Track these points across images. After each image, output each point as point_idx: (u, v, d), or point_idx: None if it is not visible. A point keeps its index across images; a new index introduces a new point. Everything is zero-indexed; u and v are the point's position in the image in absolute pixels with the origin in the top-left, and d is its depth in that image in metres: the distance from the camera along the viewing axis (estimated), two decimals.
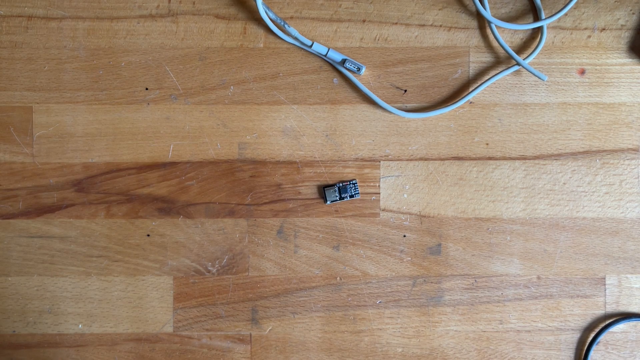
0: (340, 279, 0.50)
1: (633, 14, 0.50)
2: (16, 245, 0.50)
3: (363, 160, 0.50)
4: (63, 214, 0.50)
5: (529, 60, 0.49)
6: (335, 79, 0.50)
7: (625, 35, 0.50)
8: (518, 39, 0.50)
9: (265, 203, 0.50)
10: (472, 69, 0.50)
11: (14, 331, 0.50)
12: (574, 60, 0.50)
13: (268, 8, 0.49)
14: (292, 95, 0.50)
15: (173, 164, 0.50)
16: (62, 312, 0.50)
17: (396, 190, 0.50)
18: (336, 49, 0.50)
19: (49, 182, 0.50)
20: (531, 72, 0.48)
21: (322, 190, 0.50)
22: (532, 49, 0.50)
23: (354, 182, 0.49)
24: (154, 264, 0.50)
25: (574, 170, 0.50)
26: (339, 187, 0.49)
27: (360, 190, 0.50)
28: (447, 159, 0.50)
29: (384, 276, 0.50)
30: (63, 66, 0.50)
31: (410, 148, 0.50)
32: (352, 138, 0.50)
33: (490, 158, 0.50)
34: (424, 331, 0.51)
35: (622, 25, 0.50)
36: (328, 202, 0.50)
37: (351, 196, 0.49)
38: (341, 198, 0.49)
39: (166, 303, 0.50)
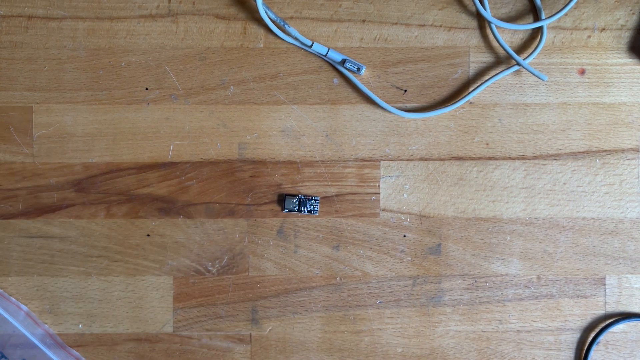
0: (340, 279, 0.50)
1: (633, 14, 0.50)
2: (16, 245, 0.50)
3: (363, 160, 0.50)
4: (63, 214, 0.50)
5: (529, 60, 0.49)
6: (335, 79, 0.50)
7: (625, 35, 0.50)
8: (518, 39, 0.50)
9: (265, 203, 0.50)
10: (472, 69, 0.50)
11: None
12: (574, 60, 0.50)
13: (268, 8, 0.49)
14: (292, 95, 0.50)
15: (173, 164, 0.50)
16: (62, 312, 0.50)
17: (396, 190, 0.50)
18: (336, 49, 0.50)
19: (49, 182, 0.50)
20: (531, 72, 0.48)
21: (283, 197, 0.49)
22: (532, 49, 0.50)
23: (315, 198, 0.49)
24: (154, 264, 0.50)
25: (574, 170, 0.50)
26: (300, 199, 0.49)
27: (360, 190, 0.50)
28: (447, 159, 0.50)
29: (384, 276, 0.50)
30: (63, 66, 0.50)
31: (410, 148, 0.50)
32: (352, 138, 0.50)
33: (490, 158, 0.50)
34: (424, 331, 0.51)
35: (622, 25, 0.50)
36: (285, 210, 0.49)
37: (309, 211, 0.49)
38: (299, 210, 0.49)
39: (166, 303, 0.50)
